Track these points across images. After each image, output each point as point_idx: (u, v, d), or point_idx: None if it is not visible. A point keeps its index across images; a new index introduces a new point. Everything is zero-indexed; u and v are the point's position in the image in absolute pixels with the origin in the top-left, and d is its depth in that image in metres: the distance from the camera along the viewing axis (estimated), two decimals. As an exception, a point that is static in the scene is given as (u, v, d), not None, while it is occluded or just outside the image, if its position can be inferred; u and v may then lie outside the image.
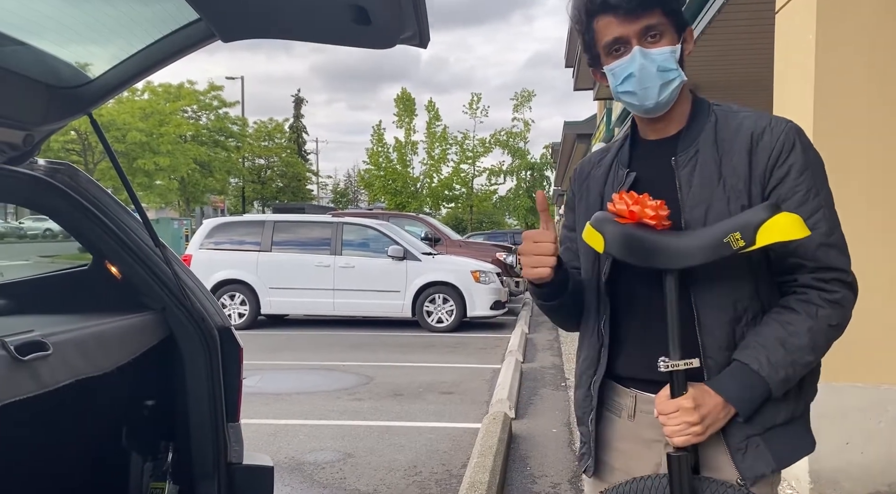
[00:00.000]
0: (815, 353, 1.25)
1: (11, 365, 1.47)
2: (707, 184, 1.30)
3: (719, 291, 1.28)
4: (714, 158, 1.31)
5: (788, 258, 1.26)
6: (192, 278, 2.13)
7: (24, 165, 1.99)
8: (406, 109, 34.92)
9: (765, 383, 1.23)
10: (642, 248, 1.27)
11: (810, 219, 1.24)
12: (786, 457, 1.29)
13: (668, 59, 1.30)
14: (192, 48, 1.92)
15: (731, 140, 1.31)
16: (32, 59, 1.80)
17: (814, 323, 1.24)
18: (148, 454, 2.13)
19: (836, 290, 1.25)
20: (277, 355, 7.88)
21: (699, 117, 1.36)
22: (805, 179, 1.27)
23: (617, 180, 1.41)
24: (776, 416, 1.28)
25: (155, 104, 27.52)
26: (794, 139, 1.28)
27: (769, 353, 1.23)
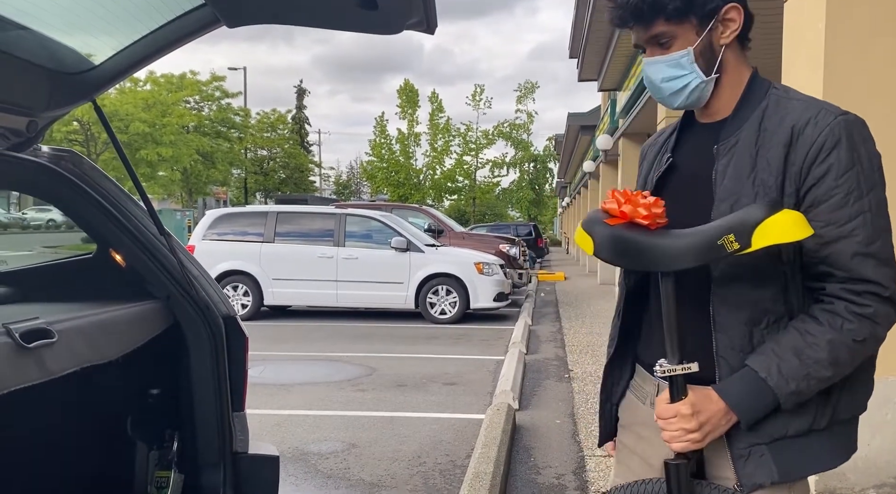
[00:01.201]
0: (834, 368, 1.16)
1: (16, 352, 1.46)
2: (738, 177, 1.23)
3: (740, 288, 1.21)
4: (751, 149, 1.23)
5: (819, 265, 1.18)
6: (197, 266, 2.11)
7: (28, 151, 1.97)
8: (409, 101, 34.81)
9: (773, 393, 1.16)
10: (632, 251, 1.19)
11: (847, 225, 1.15)
12: (792, 470, 1.22)
13: (676, 66, 1.26)
14: (197, 34, 1.89)
15: (774, 130, 1.22)
16: (36, 45, 1.78)
17: (836, 336, 1.15)
18: (153, 442, 2.13)
19: (868, 304, 1.15)
20: (280, 346, 7.88)
21: (749, 103, 1.27)
22: (846, 181, 1.16)
23: (658, 166, 1.37)
24: (786, 427, 1.20)
25: (157, 95, 27.49)
26: (841, 135, 1.17)
27: (781, 362, 1.15)
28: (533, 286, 14.53)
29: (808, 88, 3.44)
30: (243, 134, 34.79)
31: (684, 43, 1.25)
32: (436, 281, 9.90)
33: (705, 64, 1.26)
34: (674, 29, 1.24)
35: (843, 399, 1.23)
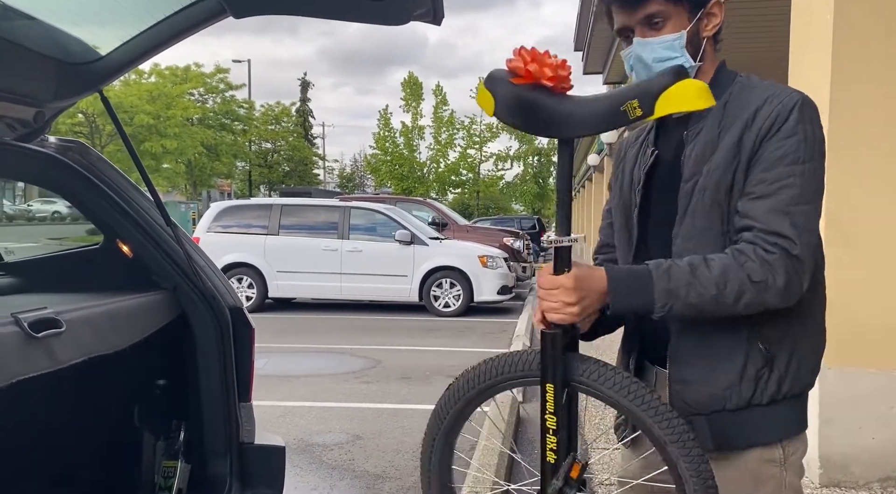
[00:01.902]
0: (718, 291, 1.18)
1: (25, 342, 1.46)
2: (699, 159, 1.29)
3: (692, 245, 1.27)
4: (713, 133, 1.29)
5: (742, 219, 1.23)
6: (204, 257, 2.12)
7: (36, 142, 1.98)
8: (413, 94, 34.76)
9: (650, 285, 1.19)
10: (534, 113, 1.15)
11: (775, 184, 1.20)
12: (729, 441, 1.29)
13: (669, 48, 1.29)
14: (203, 25, 1.89)
15: (735, 115, 1.28)
16: (43, 35, 1.78)
17: (733, 265, 1.19)
18: (160, 433, 2.14)
19: (774, 252, 1.18)
20: (285, 338, 7.90)
21: (717, 90, 1.31)
22: (785, 145, 1.21)
23: (644, 161, 1.42)
24: (724, 402, 1.27)
25: (162, 87, 27.48)
26: (794, 108, 1.22)
27: (673, 265, 1.20)
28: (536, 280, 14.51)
29: (816, 81, 3.42)
30: (247, 126, 34.79)
31: (676, 26, 1.29)
32: (440, 274, 9.91)
33: (692, 51, 1.31)
34: (669, 9, 1.28)
35: (789, 375, 1.28)
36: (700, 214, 1.27)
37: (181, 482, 2.07)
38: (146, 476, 2.11)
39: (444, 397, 1.36)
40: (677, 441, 1.15)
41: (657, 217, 1.38)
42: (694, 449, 1.15)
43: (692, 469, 1.15)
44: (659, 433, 1.15)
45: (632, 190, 1.43)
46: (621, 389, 1.18)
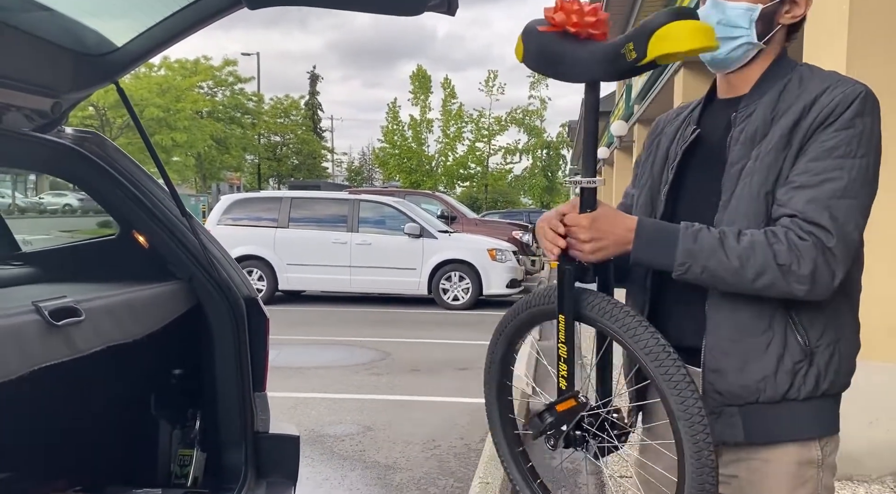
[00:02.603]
0: (740, 263, 1.16)
1: (46, 330, 1.48)
2: (748, 143, 1.26)
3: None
4: (766, 117, 1.25)
5: (780, 208, 1.20)
6: (219, 248, 2.13)
7: (53, 133, 1.99)
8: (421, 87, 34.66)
9: (674, 242, 1.19)
10: (553, 59, 1.18)
11: (823, 174, 1.16)
12: (760, 434, 1.26)
13: (739, 16, 1.26)
14: (218, 16, 1.90)
15: (791, 103, 1.24)
16: (59, 26, 1.79)
17: (761, 242, 1.16)
18: (176, 421, 2.16)
19: (806, 239, 1.15)
20: (295, 330, 7.94)
21: (772, 78, 1.29)
22: (843, 137, 1.16)
23: (683, 138, 1.38)
24: (757, 394, 1.24)
25: (171, 80, 27.56)
26: (854, 100, 1.18)
27: (703, 230, 1.19)
28: (546, 273, 14.51)
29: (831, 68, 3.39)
30: (256, 120, 34.85)
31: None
32: (449, 267, 9.91)
33: (761, 30, 1.27)
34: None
35: (829, 373, 1.25)
36: (746, 199, 1.23)
37: (197, 470, 2.09)
38: (163, 464, 2.13)
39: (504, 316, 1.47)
40: (670, 381, 1.13)
41: (692, 198, 1.34)
42: (690, 399, 1.12)
43: (683, 414, 1.12)
44: (654, 373, 1.15)
45: (665, 167, 1.39)
46: (623, 326, 1.18)
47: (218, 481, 2.06)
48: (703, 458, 1.12)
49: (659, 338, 1.16)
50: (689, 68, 7.85)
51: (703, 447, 1.12)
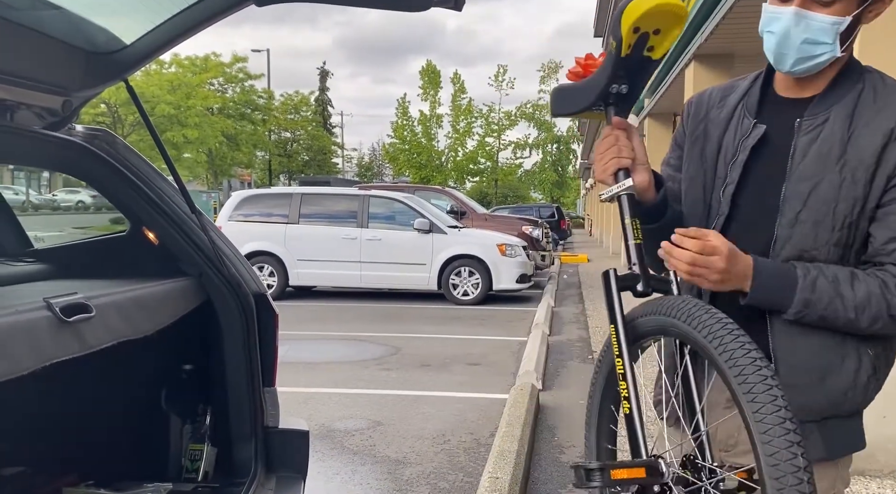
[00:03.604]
0: (856, 314, 1.17)
1: (57, 326, 1.50)
2: (823, 160, 1.19)
3: (811, 256, 1.22)
4: (843, 132, 1.18)
5: (877, 257, 1.19)
6: (228, 244, 2.14)
7: (63, 131, 2.01)
8: (431, 82, 34.65)
9: (792, 291, 1.17)
10: (568, 96, 1.31)
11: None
12: (837, 449, 1.25)
13: (825, 32, 1.16)
14: (226, 13, 1.90)
15: (871, 118, 1.17)
16: (69, 25, 1.80)
17: (877, 293, 1.17)
18: (187, 417, 2.17)
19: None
20: (306, 325, 7.97)
21: (844, 82, 1.22)
22: None
23: (741, 130, 1.29)
24: (838, 408, 1.23)
25: (182, 77, 27.69)
26: None
27: (820, 276, 1.17)
28: (556, 268, 14.48)
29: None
30: (267, 116, 34.95)
31: (845, 8, 1.16)
32: (458, 263, 9.92)
33: (843, 38, 1.19)
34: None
35: (876, 385, 1.26)
36: (826, 227, 1.19)
37: (207, 465, 2.11)
38: (174, 459, 2.15)
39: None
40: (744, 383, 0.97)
41: (753, 204, 1.27)
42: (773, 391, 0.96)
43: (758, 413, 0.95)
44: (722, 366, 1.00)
45: (719, 161, 1.31)
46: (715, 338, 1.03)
47: (228, 475, 2.07)
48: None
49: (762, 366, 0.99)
50: (701, 61, 7.79)
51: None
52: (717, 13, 6.35)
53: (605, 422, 1.32)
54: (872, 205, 1.18)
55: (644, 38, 1.16)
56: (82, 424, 2.10)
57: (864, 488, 3.14)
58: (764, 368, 0.97)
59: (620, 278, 1.20)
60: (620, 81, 1.22)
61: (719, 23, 6.39)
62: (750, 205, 1.27)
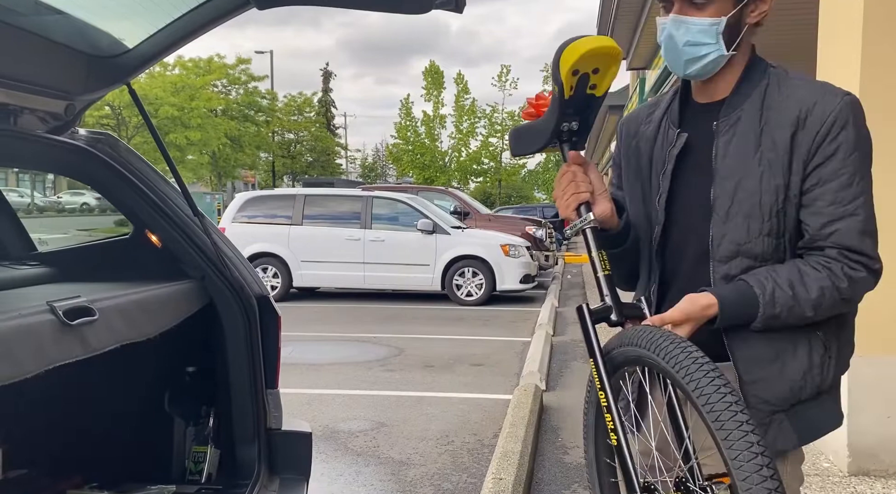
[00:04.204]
0: (815, 312, 1.23)
1: (60, 329, 1.50)
2: (742, 155, 1.26)
3: (747, 248, 1.27)
4: (755, 127, 1.25)
5: (820, 240, 1.24)
6: (231, 247, 2.15)
7: (66, 134, 2.02)
8: (434, 83, 34.66)
9: (757, 310, 1.22)
10: (525, 137, 1.38)
11: (851, 204, 1.22)
12: (809, 434, 1.29)
13: (704, 33, 1.23)
14: (228, 16, 1.91)
15: (778, 110, 1.24)
16: (72, 29, 1.82)
17: (829, 287, 1.22)
18: (190, 419, 2.18)
19: (860, 270, 1.24)
20: (309, 326, 7.98)
21: (750, 81, 1.29)
22: (851, 163, 1.22)
23: (667, 141, 1.36)
24: (800, 392, 1.26)
25: (185, 79, 27.75)
26: (848, 116, 1.22)
27: (777, 288, 1.22)
28: (559, 268, 14.47)
29: (845, 68, 3.35)
30: (270, 117, 35.00)
31: (720, 9, 1.23)
32: (462, 263, 9.92)
33: (728, 38, 1.26)
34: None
35: (840, 362, 1.31)
36: (756, 219, 1.25)
37: (211, 466, 2.12)
38: (177, 461, 2.16)
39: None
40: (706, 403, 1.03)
41: (687, 209, 1.33)
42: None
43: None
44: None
45: (652, 173, 1.37)
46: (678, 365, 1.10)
47: (232, 477, 2.08)
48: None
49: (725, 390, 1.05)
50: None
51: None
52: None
53: (602, 457, 1.39)
54: (795, 191, 1.24)
55: (585, 78, 1.24)
56: (86, 426, 2.11)
57: (868, 488, 3.13)
58: (728, 394, 1.03)
59: (594, 312, 1.26)
60: (570, 118, 1.30)
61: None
62: (684, 210, 1.34)
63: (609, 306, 1.26)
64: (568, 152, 1.33)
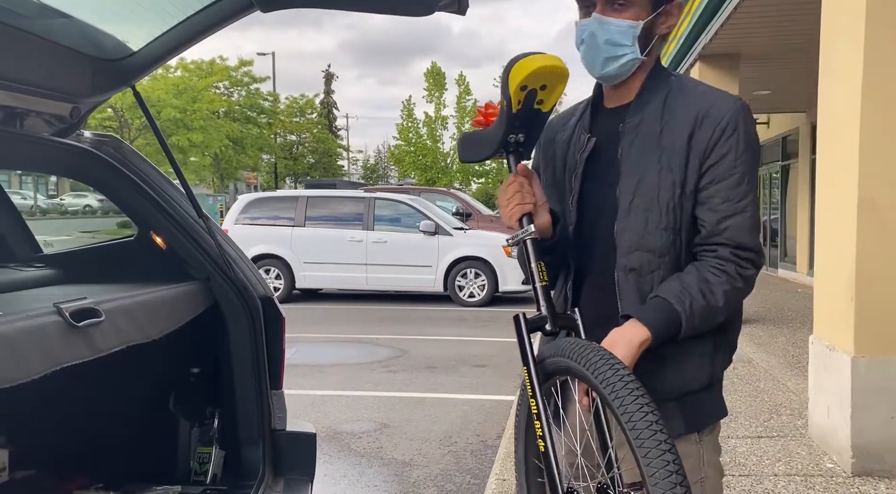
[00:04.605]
0: (723, 315, 1.32)
1: (67, 331, 1.51)
2: (643, 154, 1.34)
3: (646, 241, 1.33)
4: (656, 128, 1.34)
5: (714, 236, 1.31)
6: (235, 248, 2.16)
7: (72, 137, 2.03)
8: (436, 84, 34.68)
9: (679, 326, 1.29)
10: (473, 145, 1.43)
11: (741, 202, 1.30)
12: (695, 422, 1.36)
13: (624, 34, 1.33)
14: (231, 19, 1.92)
15: (677, 112, 1.33)
16: (77, 32, 1.83)
17: (731, 291, 1.31)
18: (195, 419, 2.19)
19: (749, 267, 1.32)
20: (312, 328, 7.99)
21: (653, 87, 1.38)
22: (742, 163, 1.30)
23: (579, 145, 1.44)
24: (692, 382, 1.35)
25: (188, 81, 27.77)
26: (739, 119, 1.31)
27: (693, 301, 1.28)
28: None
29: (848, 66, 3.35)
30: (272, 119, 35.02)
31: (637, 14, 1.33)
32: (464, 264, 9.92)
33: (642, 44, 1.35)
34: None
35: (726, 356, 1.41)
36: (654, 213, 1.33)
37: (216, 467, 2.12)
38: (182, 462, 2.17)
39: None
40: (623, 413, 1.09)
41: (597, 207, 1.40)
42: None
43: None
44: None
45: (566, 176, 1.45)
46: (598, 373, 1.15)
47: (236, 478, 2.09)
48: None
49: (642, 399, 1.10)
50: (706, 62, 7.78)
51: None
52: (722, 13, 6.34)
53: (531, 458, 1.42)
54: (691, 188, 1.32)
55: (533, 94, 1.30)
56: (92, 427, 2.12)
57: (872, 488, 3.13)
58: (650, 414, 1.09)
59: (530, 321, 1.31)
60: (516, 131, 1.34)
61: (724, 22, 6.38)
62: (594, 209, 1.41)
63: (545, 316, 1.31)
64: (515, 164, 1.39)
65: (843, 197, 3.41)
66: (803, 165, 11.77)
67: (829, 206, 3.66)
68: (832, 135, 3.62)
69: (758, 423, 4.10)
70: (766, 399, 4.61)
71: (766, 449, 3.66)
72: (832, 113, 3.62)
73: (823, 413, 3.62)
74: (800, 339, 6.51)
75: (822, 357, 3.64)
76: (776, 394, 4.73)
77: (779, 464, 3.45)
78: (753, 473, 3.33)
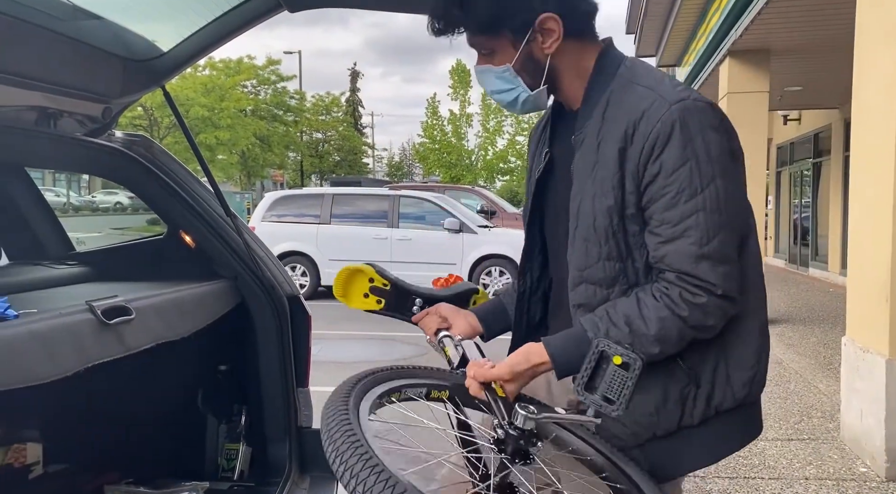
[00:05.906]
0: (660, 345, 1.13)
1: (99, 328, 1.54)
2: (583, 173, 1.19)
3: (593, 292, 1.21)
4: (594, 140, 1.18)
5: (658, 262, 1.15)
6: (262, 247, 2.18)
7: (103, 137, 2.06)
8: (461, 81, 34.63)
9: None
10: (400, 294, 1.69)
11: (679, 225, 1.11)
12: (662, 472, 1.21)
13: (501, 79, 1.23)
14: (260, 19, 1.93)
15: (613, 122, 1.16)
16: (109, 34, 1.85)
17: (669, 317, 1.13)
18: (223, 416, 2.21)
19: (701, 295, 1.12)
20: (337, 325, 8.03)
21: (597, 88, 1.21)
22: (676, 179, 1.11)
23: (538, 163, 1.33)
24: (654, 428, 1.19)
25: (216, 79, 28.11)
26: (673, 127, 1.10)
27: (611, 327, 1.14)
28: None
29: (883, 63, 3.26)
30: (299, 117, 35.30)
31: (504, 57, 1.22)
32: (489, 262, 9.90)
33: (530, 77, 1.22)
34: (490, 42, 1.22)
35: (717, 389, 1.19)
36: (592, 242, 1.18)
37: (243, 464, 2.15)
38: (210, 458, 2.20)
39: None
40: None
41: (553, 226, 1.30)
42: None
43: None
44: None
45: (528, 193, 1.35)
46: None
47: (263, 474, 2.11)
48: None
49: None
50: (736, 57, 7.66)
51: None
52: (753, 8, 6.24)
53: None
54: (633, 210, 1.15)
55: (381, 289, 1.69)
56: (122, 423, 2.15)
57: (907, 494, 3.06)
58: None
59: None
60: (412, 304, 1.70)
61: (754, 18, 6.27)
62: (551, 229, 1.31)
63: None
64: (419, 314, 1.64)
65: (877, 195, 3.33)
66: (836, 163, 11.54)
67: (863, 204, 3.58)
68: (867, 131, 3.54)
69: (788, 425, 4.03)
70: (796, 401, 4.53)
71: (797, 452, 3.59)
72: (867, 109, 3.54)
73: (856, 416, 3.55)
74: (831, 340, 6.38)
75: (856, 359, 3.56)
76: (807, 396, 4.65)
77: (810, 468, 3.38)
78: (783, 476, 3.27)
